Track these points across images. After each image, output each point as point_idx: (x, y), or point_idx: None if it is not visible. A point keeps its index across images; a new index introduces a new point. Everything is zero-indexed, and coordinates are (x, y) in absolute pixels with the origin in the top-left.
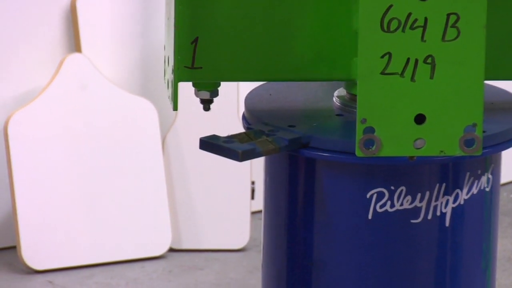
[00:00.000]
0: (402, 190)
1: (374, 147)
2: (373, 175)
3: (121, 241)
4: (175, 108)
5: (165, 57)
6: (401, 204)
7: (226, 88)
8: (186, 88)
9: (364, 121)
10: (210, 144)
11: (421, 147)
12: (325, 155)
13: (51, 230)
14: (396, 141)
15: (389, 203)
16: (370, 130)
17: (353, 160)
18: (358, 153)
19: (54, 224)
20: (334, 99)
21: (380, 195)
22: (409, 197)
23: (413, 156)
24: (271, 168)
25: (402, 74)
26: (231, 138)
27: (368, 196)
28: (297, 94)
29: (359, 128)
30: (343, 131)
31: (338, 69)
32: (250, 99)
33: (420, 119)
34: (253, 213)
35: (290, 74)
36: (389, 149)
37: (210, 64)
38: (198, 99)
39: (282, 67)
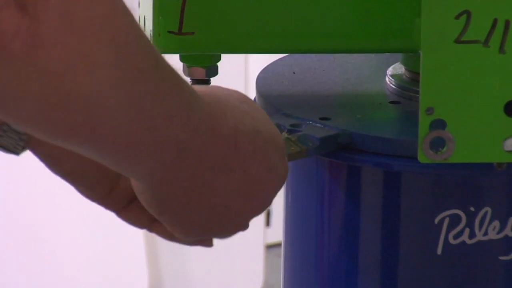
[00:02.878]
0: (486, 213)
1: (445, 149)
2: (444, 190)
3: (76, 283)
4: None
5: (139, 17)
6: (485, 233)
7: (229, 63)
8: (173, 62)
9: (430, 111)
10: None
11: None
12: (374, 160)
13: None
14: (477, 140)
15: (467, 231)
16: (439, 124)
17: (415, 168)
18: (422, 158)
19: None
20: (387, 79)
21: (455, 220)
22: (496, 223)
23: (502, 163)
24: (296, 181)
25: (486, 43)
26: None
27: (436, 221)
28: (334, 72)
29: (424, 121)
30: (400, 126)
31: (393, 36)
32: (264, 79)
33: None
34: (268, 246)
35: (323, 43)
36: (466, 152)
37: (206, 28)
38: (188, 79)
39: (311, 33)
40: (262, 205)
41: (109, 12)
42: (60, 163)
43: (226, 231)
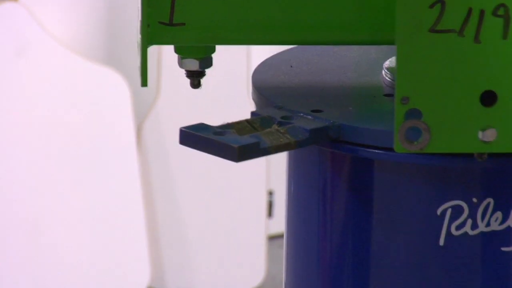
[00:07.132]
0: (488, 204)
1: (420, 138)
2: (447, 181)
3: (76, 280)
4: (143, 83)
5: (139, 9)
6: (488, 224)
7: (231, 56)
8: (172, 55)
9: (405, 100)
10: (194, 136)
11: (491, 140)
12: (375, 152)
13: None
14: (453, 130)
15: (469, 222)
16: (415, 114)
17: (408, 159)
18: (398, 147)
19: None
20: (383, 72)
21: (457, 211)
22: (499, 214)
23: (483, 154)
24: (298, 172)
25: (461, 32)
26: (226, 127)
27: (439, 212)
28: (331, 67)
29: (399, 111)
30: (392, 118)
31: (389, 28)
32: (260, 73)
33: (488, 98)
34: (270, 238)
35: (321, 35)
36: (442, 142)
37: (197, 19)
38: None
39: (308, 24)
40: None
41: None
42: None
43: None
